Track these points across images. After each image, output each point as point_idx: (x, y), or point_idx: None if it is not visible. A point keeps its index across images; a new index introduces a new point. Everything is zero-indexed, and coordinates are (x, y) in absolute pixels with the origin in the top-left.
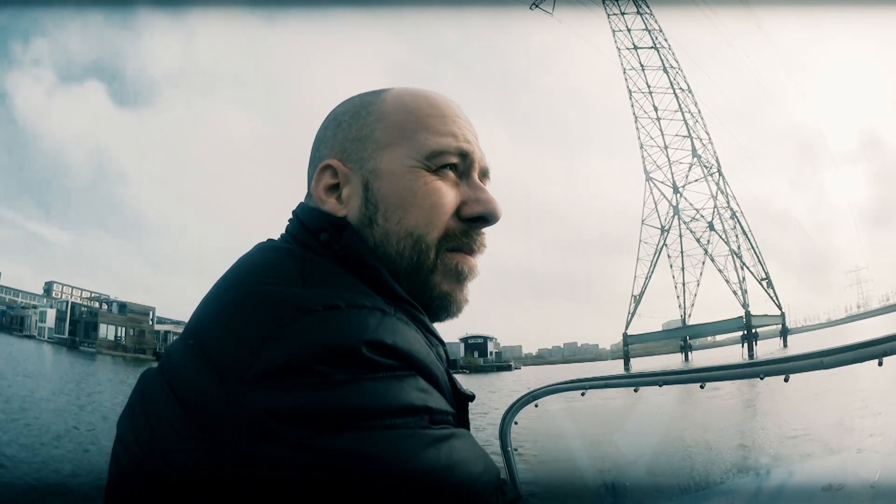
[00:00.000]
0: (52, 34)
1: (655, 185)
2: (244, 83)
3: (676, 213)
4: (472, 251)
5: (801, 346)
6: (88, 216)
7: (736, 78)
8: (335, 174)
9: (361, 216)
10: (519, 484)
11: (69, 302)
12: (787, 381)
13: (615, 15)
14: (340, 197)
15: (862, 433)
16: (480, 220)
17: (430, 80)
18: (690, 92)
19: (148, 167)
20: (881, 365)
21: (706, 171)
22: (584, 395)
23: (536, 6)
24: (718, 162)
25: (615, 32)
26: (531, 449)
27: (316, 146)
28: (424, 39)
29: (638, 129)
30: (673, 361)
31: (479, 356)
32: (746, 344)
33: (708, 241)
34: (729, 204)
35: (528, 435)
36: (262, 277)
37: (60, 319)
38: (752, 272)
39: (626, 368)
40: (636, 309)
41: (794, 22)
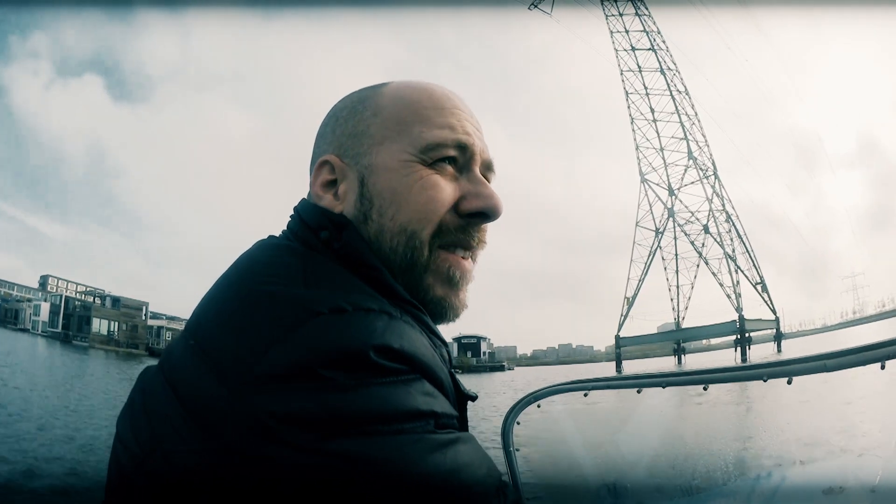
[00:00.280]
0: (50, 28)
1: (650, 186)
2: (242, 81)
3: (671, 215)
4: (468, 246)
5: (795, 351)
6: (85, 211)
7: (734, 80)
8: (332, 170)
9: (357, 212)
10: (520, 485)
11: (63, 296)
12: (790, 383)
13: (613, 16)
14: (337, 193)
15: (863, 436)
16: (480, 215)
17: (428, 79)
18: (687, 94)
19: (145, 163)
20: (883, 368)
21: (702, 173)
22: (586, 395)
23: (535, 6)
24: (714, 164)
25: (613, 34)
26: (531, 450)
27: (316, 142)
28: (423, 39)
29: (634, 130)
30: (666, 365)
31: (472, 356)
32: (739, 348)
33: (703, 243)
34: (724, 207)
35: (529, 433)
36: (264, 276)
37: (54, 313)
38: (746, 276)
39: (617, 370)
40: (629, 311)
41: (792, 24)
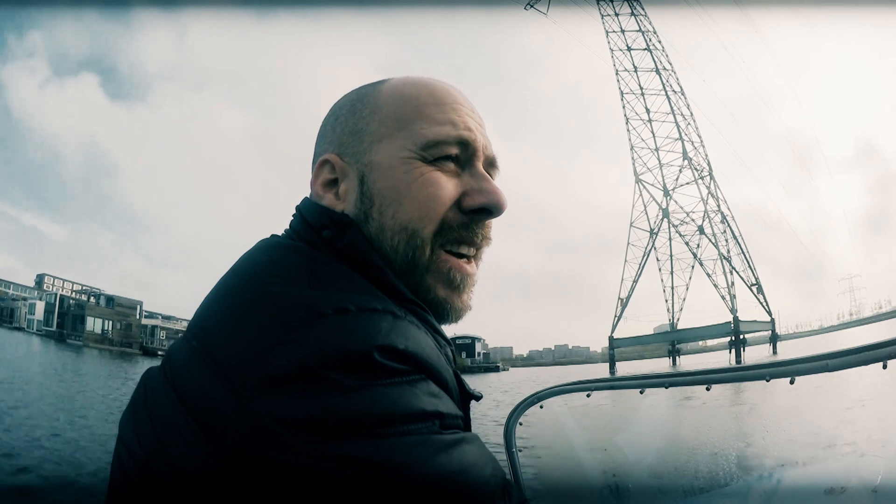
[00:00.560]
0: (46, 27)
1: (645, 186)
2: (237, 80)
3: (666, 215)
4: (472, 243)
5: (790, 353)
6: (82, 210)
7: (731, 83)
8: (333, 169)
9: (358, 211)
10: (523, 485)
11: (57, 294)
12: (792, 382)
13: (609, 16)
14: (338, 192)
15: (864, 437)
16: (483, 211)
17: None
18: (683, 94)
19: (141, 162)
20: (885, 368)
21: (697, 173)
22: (589, 396)
23: (531, 6)
24: (710, 165)
25: (609, 34)
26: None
27: (317, 141)
28: (418, 39)
29: (629, 130)
30: (660, 366)
31: (466, 357)
32: (734, 350)
33: (697, 244)
34: (720, 208)
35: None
36: (268, 277)
37: (49, 312)
38: (741, 277)
39: (611, 372)
40: (622, 312)
41: (790, 27)
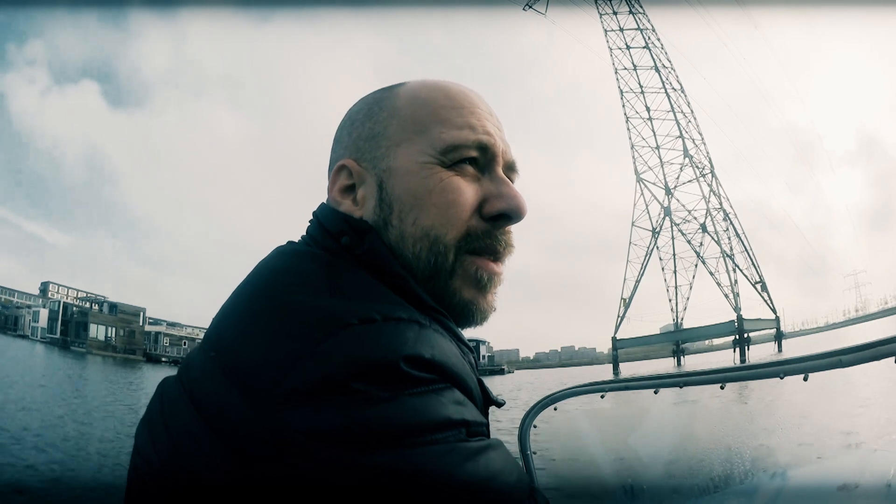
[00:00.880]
0: (45, 35)
1: (646, 185)
2: (236, 84)
3: (668, 214)
4: (496, 253)
5: (796, 351)
6: (85, 217)
7: (732, 80)
8: (350, 175)
9: (377, 217)
10: (538, 487)
11: (61, 302)
12: (805, 379)
13: (607, 14)
14: (356, 198)
15: (877, 432)
16: (504, 217)
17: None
18: (683, 92)
19: (143, 168)
20: None
21: (698, 171)
22: (603, 397)
23: (530, 7)
24: (711, 162)
25: (607, 32)
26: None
27: (333, 147)
28: (416, 41)
29: (629, 129)
30: (664, 366)
31: None
32: (738, 349)
33: (700, 243)
34: (722, 205)
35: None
36: (288, 285)
37: (53, 319)
38: (745, 275)
39: (614, 373)
40: (625, 313)
41: (790, 23)
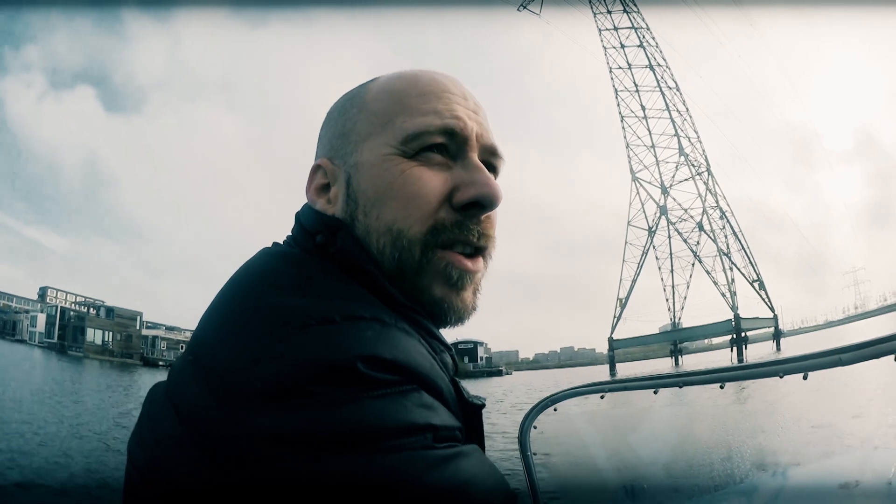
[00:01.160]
0: (41, 40)
1: (642, 184)
2: (232, 87)
3: (664, 213)
4: (468, 243)
5: (795, 349)
6: (83, 221)
7: (729, 79)
8: (325, 174)
9: (345, 214)
10: (538, 489)
11: (58, 306)
12: (805, 378)
13: (602, 13)
14: (330, 197)
15: (878, 429)
16: (475, 205)
17: None
18: (678, 90)
19: (140, 172)
20: None
21: (694, 169)
22: (603, 398)
23: (524, 7)
24: (707, 161)
25: (601, 31)
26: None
27: (316, 148)
28: (411, 41)
29: (624, 128)
30: (662, 366)
31: (468, 361)
32: (735, 348)
33: (697, 241)
34: (718, 204)
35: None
36: (259, 287)
37: (50, 324)
38: (742, 273)
39: (611, 374)
40: (622, 313)
41: (788, 21)
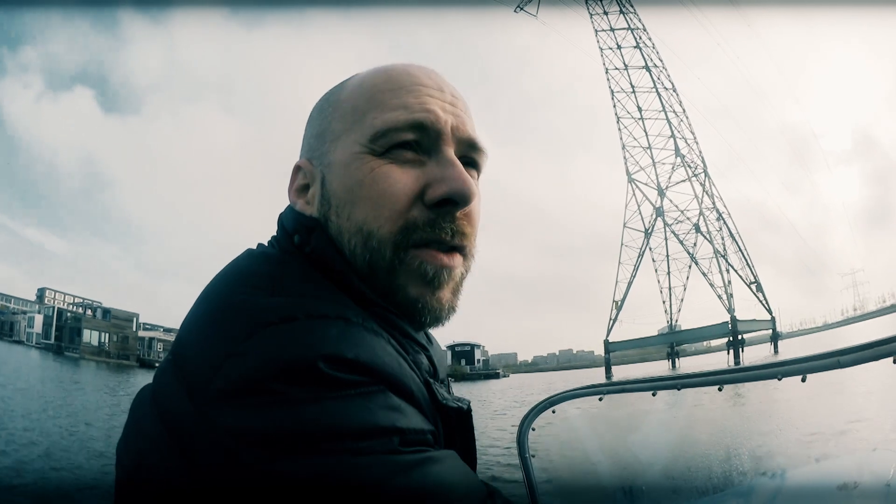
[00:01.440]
0: (38, 40)
1: (638, 186)
2: (229, 88)
3: (660, 214)
4: (442, 241)
5: (792, 352)
6: (81, 222)
7: (727, 80)
8: (305, 174)
9: (321, 214)
10: (536, 490)
11: (55, 307)
12: (804, 380)
13: (598, 14)
14: (308, 198)
15: (876, 432)
16: (448, 202)
17: None
18: (675, 91)
19: (137, 174)
20: None
21: (691, 171)
22: (601, 399)
23: (521, 9)
24: (704, 162)
25: (598, 32)
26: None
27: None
28: (407, 42)
29: (620, 129)
30: (659, 369)
31: (465, 364)
32: (732, 350)
33: (693, 243)
34: (715, 205)
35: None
36: (234, 286)
37: (47, 325)
38: (739, 275)
39: (607, 376)
40: (617, 315)
41: (785, 22)
